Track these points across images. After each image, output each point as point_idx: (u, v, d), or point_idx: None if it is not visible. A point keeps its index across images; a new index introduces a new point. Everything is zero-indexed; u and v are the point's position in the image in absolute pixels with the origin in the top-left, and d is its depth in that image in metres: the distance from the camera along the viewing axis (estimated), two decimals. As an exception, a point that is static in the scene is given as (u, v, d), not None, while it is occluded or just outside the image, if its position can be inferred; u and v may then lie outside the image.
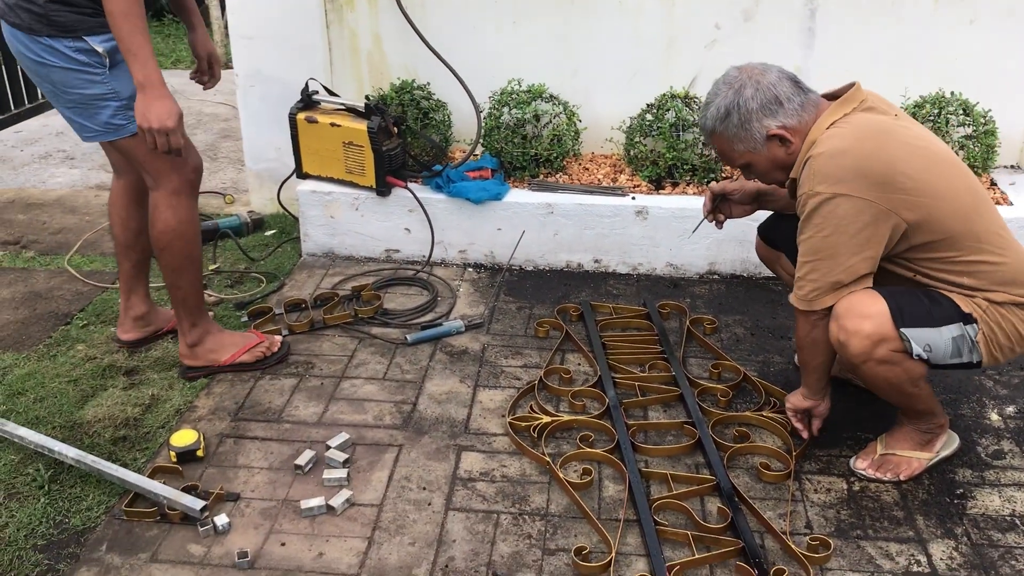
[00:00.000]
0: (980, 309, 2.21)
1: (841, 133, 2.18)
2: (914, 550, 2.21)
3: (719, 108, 2.25)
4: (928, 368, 2.24)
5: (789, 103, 2.22)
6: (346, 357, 2.99)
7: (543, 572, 2.13)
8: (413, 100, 3.70)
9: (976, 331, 2.20)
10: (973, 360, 2.24)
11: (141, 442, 2.57)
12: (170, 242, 2.65)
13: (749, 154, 2.28)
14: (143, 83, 2.37)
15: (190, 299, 2.76)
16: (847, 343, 2.19)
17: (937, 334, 2.18)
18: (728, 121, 2.24)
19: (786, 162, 2.28)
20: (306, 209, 3.65)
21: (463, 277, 3.56)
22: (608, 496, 2.37)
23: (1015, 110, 3.73)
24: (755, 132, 2.23)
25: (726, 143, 2.29)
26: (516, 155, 3.63)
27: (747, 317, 3.25)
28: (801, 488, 2.41)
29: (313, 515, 2.31)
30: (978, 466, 2.50)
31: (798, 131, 2.24)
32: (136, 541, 2.22)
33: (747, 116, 2.22)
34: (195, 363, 2.82)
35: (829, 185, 2.13)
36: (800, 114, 2.23)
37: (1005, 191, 3.57)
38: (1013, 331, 2.24)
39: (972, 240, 2.19)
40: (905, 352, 2.18)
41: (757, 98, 2.21)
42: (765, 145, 2.25)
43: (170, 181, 2.59)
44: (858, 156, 2.13)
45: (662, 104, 3.64)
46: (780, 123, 2.22)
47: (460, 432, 2.63)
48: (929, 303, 2.21)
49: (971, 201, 2.21)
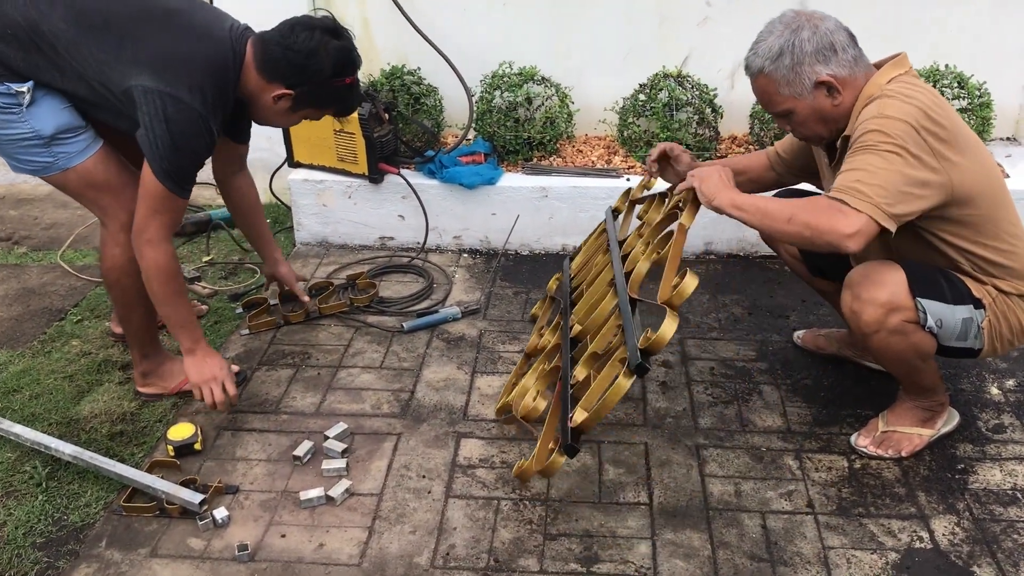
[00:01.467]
0: (990, 297, 2.20)
1: (908, 84, 2.10)
2: (916, 526, 2.20)
3: (771, 47, 2.14)
4: None
5: (844, 53, 2.13)
6: (342, 346, 2.97)
7: (545, 557, 2.12)
8: (404, 85, 3.67)
9: (983, 317, 2.19)
10: (975, 346, 2.23)
11: (138, 437, 2.56)
12: (118, 279, 2.56)
13: (793, 100, 2.17)
14: (193, 348, 2.53)
15: (141, 333, 2.67)
16: (860, 312, 2.17)
17: (950, 311, 2.17)
18: (779, 61, 2.13)
19: (830, 114, 2.18)
20: (298, 198, 3.62)
21: (458, 263, 3.54)
22: (609, 480, 2.36)
23: (1010, 82, 3.71)
24: (805, 76, 2.13)
25: (772, 85, 2.17)
26: (509, 139, 3.60)
27: (744, 297, 3.24)
28: (802, 467, 2.40)
29: (313, 506, 2.29)
30: (979, 441, 2.49)
31: (848, 83, 2.14)
32: (135, 536, 2.21)
33: (800, 58, 2.11)
34: (147, 390, 2.74)
35: (900, 115, 2.02)
36: (853, 67, 2.14)
37: (1001, 163, 3.55)
38: (1016, 323, 2.24)
39: (993, 225, 2.17)
40: (917, 324, 2.16)
41: (813, 41, 2.11)
42: (812, 93, 2.15)
43: (117, 217, 2.49)
44: (924, 103, 2.06)
45: (655, 84, 3.61)
46: (832, 71, 2.12)
47: (459, 419, 2.61)
48: (945, 282, 2.19)
49: (1000, 187, 2.20)
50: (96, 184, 2.46)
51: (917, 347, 2.21)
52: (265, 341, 3.00)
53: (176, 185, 2.31)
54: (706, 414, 2.61)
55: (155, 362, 2.73)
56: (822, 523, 2.22)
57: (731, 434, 2.53)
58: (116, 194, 2.47)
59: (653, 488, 2.33)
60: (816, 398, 2.68)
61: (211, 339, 3.01)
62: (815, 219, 2.02)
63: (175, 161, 2.28)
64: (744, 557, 2.12)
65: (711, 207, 2.22)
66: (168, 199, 2.32)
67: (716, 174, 2.24)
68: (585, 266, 2.81)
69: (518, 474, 2.24)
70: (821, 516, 2.24)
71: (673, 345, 2.94)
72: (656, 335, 2.01)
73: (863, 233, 1.99)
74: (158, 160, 2.27)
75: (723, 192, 2.20)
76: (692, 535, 2.18)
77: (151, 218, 2.34)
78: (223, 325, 3.10)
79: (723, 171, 2.26)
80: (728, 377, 2.78)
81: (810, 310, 3.12)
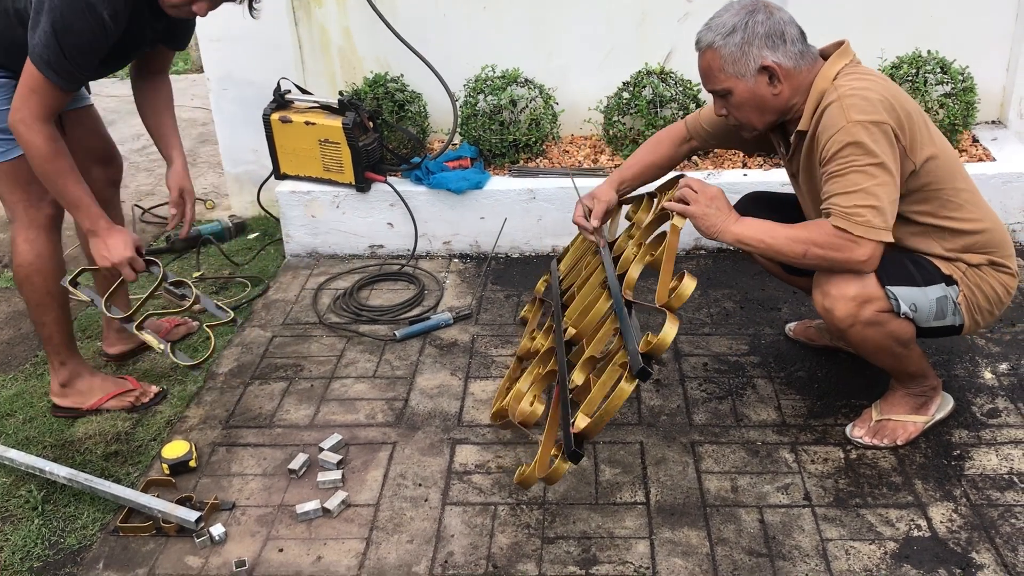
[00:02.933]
0: (960, 272, 2.23)
1: (858, 77, 2.15)
2: (914, 515, 2.20)
3: (725, 23, 2.17)
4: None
5: (792, 45, 2.16)
6: (335, 357, 2.97)
7: (543, 561, 2.12)
8: (387, 93, 3.66)
9: (957, 293, 2.21)
10: (955, 323, 2.24)
11: (133, 456, 2.55)
12: (27, 276, 2.56)
13: (735, 79, 2.19)
14: (93, 229, 2.45)
15: (55, 336, 2.65)
16: (832, 309, 2.18)
17: (922, 294, 2.18)
18: (730, 38, 2.15)
19: (768, 103, 2.21)
20: (287, 210, 3.62)
21: (449, 268, 3.54)
22: (605, 480, 2.36)
23: (993, 65, 3.71)
24: (751, 58, 2.15)
25: (718, 61, 2.19)
26: (494, 142, 3.60)
27: (735, 291, 3.24)
28: (798, 459, 2.40)
29: (309, 519, 2.29)
30: (974, 426, 2.49)
31: (791, 76, 2.17)
32: (133, 557, 2.21)
33: (750, 39, 2.14)
34: (63, 403, 2.72)
35: (866, 115, 2.07)
36: (798, 61, 2.17)
37: (988, 147, 3.55)
38: (992, 293, 2.26)
39: (953, 198, 2.21)
40: (891, 312, 2.17)
41: (766, 25, 2.14)
42: (755, 76, 2.17)
43: (26, 215, 2.51)
44: (881, 93, 2.10)
45: (638, 81, 3.61)
46: (777, 59, 2.15)
47: (453, 425, 2.61)
48: (912, 266, 2.21)
49: (954, 157, 2.24)
50: (14, 181, 2.47)
51: (895, 335, 2.22)
52: (257, 355, 3.00)
53: (55, 75, 2.26)
54: (700, 410, 2.61)
55: (73, 372, 2.71)
56: (820, 515, 2.21)
57: (726, 429, 2.53)
58: (28, 191, 2.48)
59: (650, 487, 2.33)
60: (810, 390, 2.67)
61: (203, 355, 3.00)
62: (831, 254, 2.12)
63: (54, 49, 2.21)
64: (743, 553, 2.12)
65: (708, 237, 2.27)
66: (45, 85, 2.27)
67: (716, 201, 2.26)
68: (575, 268, 2.81)
69: (520, 481, 2.24)
70: (818, 508, 2.24)
71: (666, 342, 2.93)
72: (658, 339, 2.01)
73: (874, 257, 2.11)
74: (40, 49, 2.22)
75: (724, 226, 2.25)
76: (690, 533, 2.18)
77: (26, 99, 2.28)
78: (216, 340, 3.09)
79: (718, 195, 2.27)
80: (721, 372, 2.78)
81: (801, 301, 3.12)
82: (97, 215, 2.45)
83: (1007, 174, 3.34)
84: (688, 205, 2.27)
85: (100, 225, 2.46)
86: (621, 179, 2.64)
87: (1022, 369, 2.71)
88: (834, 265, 2.14)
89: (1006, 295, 2.29)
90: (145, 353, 3.02)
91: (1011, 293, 2.31)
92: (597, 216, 2.56)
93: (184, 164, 2.74)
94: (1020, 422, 2.49)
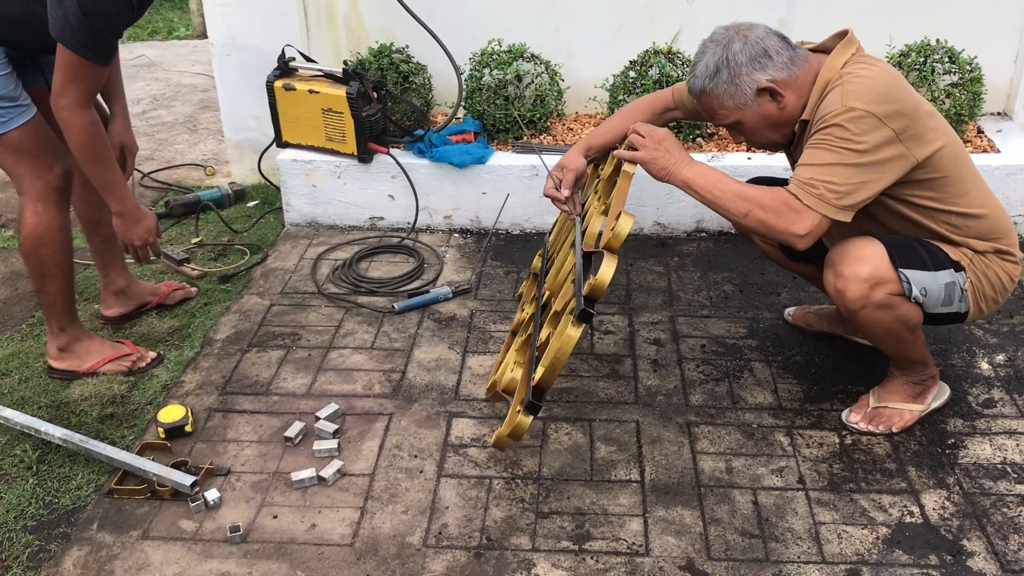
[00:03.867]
0: (967, 258, 2.23)
1: (865, 66, 2.14)
2: (907, 501, 2.21)
3: (708, 65, 2.19)
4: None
5: (779, 56, 2.17)
6: (333, 327, 2.96)
7: (537, 535, 2.13)
8: (392, 64, 3.63)
9: (965, 279, 2.21)
10: (961, 310, 2.25)
11: (128, 419, 2.55)
12: (35, 248, 2.55)
13: (739, 111, 2.21)
14: (122, 211, 2.52)
15: (58, 305, 2.66)
16: (844, 290, 2.18)
17: (932, 278, 2.18)
18: (718, 78, 2.17)
19: (778, 119, 2.22)
20: (287, 179, 3.60)
21: (449, 243, 3.53)
22: (600, 458, 2.36)
23: (1000, 56, 3.70)
24: (745, 87, 2.17)
25: (716, 101, 2.22)
26: (499, 117, 3.58)
27: (735, 274, 3.24)
28: (793, 443, 2.41)
29: (304, 487, 2.29)
30: (969, 416, 2.50)
31: (789, 85, 2.18)
32: (127, 519, 2.21)
33: (736, 70, 2.16)
34: (59, 365, 2.73)
35: (866, 104, 2.07)
36: (790, 68, 2.18)
37: (992, 139, 3.54)
38: (996, 281, 2.27)
39: (959, 185, 2.21)
40: (902, 296, 2.18)
41: (746, 52, 2.15)
42: (756, 101, 2.19)
43: (34, 187, 2.51)
44: (887, 84, 2.11)
45: (645, 60, 3.59)
46: (770, 76, 2.16)
47: (450, 399, 2.61)
48: (923, 249, 2.21)
49: (959, 147, 2.24)
50: (20, 151, 2.47)
51: (904, 319, 2.22)
52: (255, 323, 2.99)
53: (91, 53, 2.28)
54: (697, 391, 2.62)
55: (72, 336, 2.72)
56: (813, 499, 2.22)
57: (722, 411, 2.53)
58: (36, 162, 2.49)
59: (645, 466, 2.34)
60: (807, 375, 2.68)
61: (201, 320, 3.00)
62: (771, 219, 2.12)
63: (86, 28, 2.22)
64: (735, 533, 2.13)
65: (662, 181, 2.25)
66: (85, 67, 2.29)
67: (665, 143, 2.24)
68: (558, 237, 2.81)
69: (495, 443, 2.25)
70: (812, 492, 2.25)
71: (664, 323, 2.94)
72: (596, 279, 2.02)
73: (814, 233, 2.10)
74: (70, 32, 2.23)
75: (675, 169, 2.23)
76: (684, 512, 2.19)
77: (67, 85, 2.31)
78: (213, 307, 3.09)
79: (666, 137, 2.25)
80: (719, 354, 2.78)
81: (801, 287, 3.12)
82: (129, 198, 2.53)
83: (1011, 166, 3.33)
84: (637, 151, 2.26)
85: (129, 206, 2.53)
86: (589, 145, 2.60)
87: (1019, 360, 2.71)
88: (771, 232, 2.13)
89: (1010, 283, 2.30)
90: (142, 317, 3.02)
91: (1015, 282, 2.32)
92: (567, 186, 2.54)
93: (126, 119, 2.78)
94: (1015, 413, 2.50)
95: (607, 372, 2.71)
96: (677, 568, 2.04)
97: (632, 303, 3.07)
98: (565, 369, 2.70)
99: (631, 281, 3.21)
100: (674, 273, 3.25)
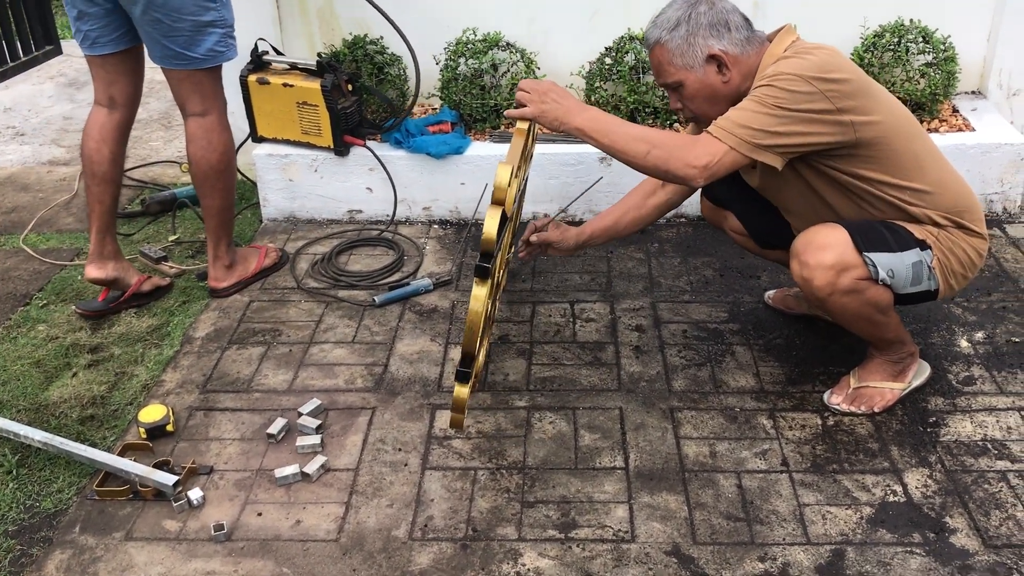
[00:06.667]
0: (932, 236, 2.24)
1: (802, 50, 2.17)
2: (890, 480, 2.23)
3: (669, 18, 2.21)
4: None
5: (737, 32, 2.20)
6: (313, 322, 2.95)
7: (523, 525, 2.13)
8: (367, 55, 3.61)
9: (932, 257, 2.22)
10: (931, 288, 2.26)
11: (109, 420, 2.53)
12: (228, 163, 2.86)
13: (684, 72, 2.22)
14: None
15: (230, 221, 2.99)
16: (811, 279, 2.19)
17: (898, 259, 2.19)
18: (675, 32, 2.19)
19: (718, 92, 2.23)
20: (263, 173, 3.57)
21: (429, 234, 3.52)
22: (584, 445, 2.36)
23: (974, 35, 3.71)
24: (698, 49, 2.19)
25: (666, 56, 2.22)
26: (475, 107, 3.57)
27: (715, 259, 3.24)
28: (776, 425, 2.42)
29: (288, 483, 2.28)
30: (949, 394, 2.52)
31: (738, 62, 2.20)
32: (109, 520, 2.19)
33: (694, 30, 2.18)
34: (230, 281, 3.05)
35: (797, 71, 2.09)
36: (744, 47, 2.20)
37: (968, 117, 3.56)
38: (964, 256, 2.28)
39: (913, 160, 2.22)
40: (869, 279, 2.18)
41: (709, 16, 2.18)
42: (703, 66, 2.21)
43: (222, 103, 2.84)
44: (825, 60, 2.12)
45: (621, 47, 3.58)
46: (723, 47, 2.19)
47: (433, 391, 2.60)
48: (887, 231, 2.22)
49: (911, 122, 2.26)
50: (219, 78, 2.83)
51: (874, 302, 2.23)
52: (235, 320, 2.97)
53: None
54: (679, 376, 2.62)
55: (234, 250, 3.09)
56: (797, 481, 2.23)
57: (705, 396, 2.54)
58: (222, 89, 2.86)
59: (629, 452, 2.34)
60: (788, 357, 2.69)
61: (180, 318, 2.98)
62: (671, 154, 2.10)
63: None
64: (721, 517, 2.14)
65: (558, 132, 2.23)
66: None
67: (550, 93, 2.23)
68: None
69: (451, 423, 2.24)
70: (796, 474, 2.26)
71: (645, 309, 2.94)
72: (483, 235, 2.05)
73: (713, 166, 2.08)
74: None
75: (567, 117, 2.20)
76: (669, 497, 2.19)
77: None
78: (191, 304, 3.06)
79: (552, 87, 2.24)
80: (700, 339, 2.79)
81: (780, 270, 3.12)
82: None
83: (986, 144, 3.35)
84: (526, 108, 2.25)
85: None
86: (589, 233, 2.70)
87: (997, 338, 2.73)
88: (671, 169, 2.11)
89: (978, 258, 2.31)
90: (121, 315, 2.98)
91: (983, 256, 2.32)
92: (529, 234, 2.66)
93: None
94: (995, 390, 2.52)
95: (589, 360, 2.71)
96: (663, 553, 2.05)
97: (613, 290, 3.07)
98: (547, 357, 2.70)
99: (611, 268, 3.21)
100: (654, 259, 3.25)
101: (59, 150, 4.50)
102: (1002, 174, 3.39)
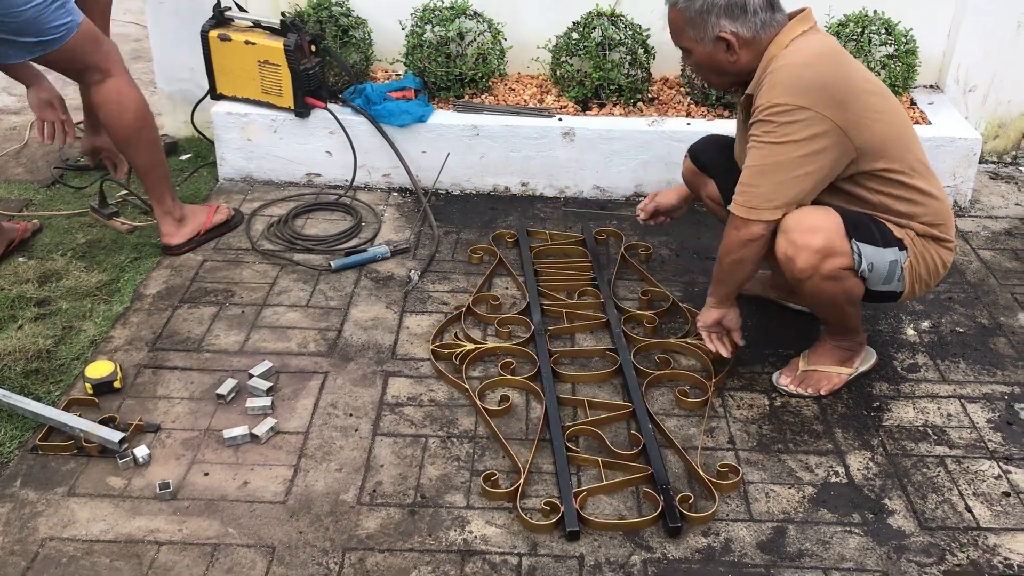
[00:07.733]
0: (910, 239, 2.27)
1: (802, 49, 2.17)
2: (833, 462, 2.27)
3: None
4: None
5: (755, 16, 2.18)
6: (267, 284, 2.92)
7: (471, 493, 2.14)
8: (331, 17, 3.56)
9: (906, 258, 2.25)
10: (898, 289, 2.30)
11: (55, 375, 2.49)
12: (144, 117, 2.80)
13: (694, 42, 2.24)
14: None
15: (167, 173, 2.94)
16: (795, 258, 2.20)
17: (880, 255, 2.22)
18: (692, 2, 2.19)
19: (725, 68, 2.25)
20: (221, 132, 3.51)
21: (388, 202, 3.49)
22: (535, 418, 2.38)
23: (935, 28, 3.76)
24: (710, 26, 2.18)
25: (680, 21, 2.23)
26: (440, 75, 3.54)
27: (672, 239, 3.26)
28: (724, 404, 2.45)
29: (237, 444, 2.27)
30: (894, 380, 2.57)
31: (749, 44, 2.20)
32: (52, 475, 2.16)
33: (710, 7, 2.17)
34: (182, 238, 3.02)
35: (790, 97, 2.11)
36: (758, 31, 2.19)
37: (924, 110, 3.61)
38: (932, 265, 2.31)
39: (908, 167, 2.24)
40: (850, 270, 2.21)
41: None
42: (712, 43, 2.21)
43: (117, 61, 2.73)
44: (821, 71, 2.14)
45: (588, 22, 3.57)
46: (734, 30, 2.18)
47: (387, 358, 2.59)
48: (873, 225, 2.25)
49: (909, 131, 2.27)
50: (94, 36, 2.67)
51: (849, 292, 2.26)
52: (187, 278, 2.92)
53: None
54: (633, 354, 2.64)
55: (179, 205, 3.03)
56: (743, 459, 2.27)
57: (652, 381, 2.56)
58: (108, 43, 2.73)
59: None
60: (740, 338, 2.72)
61: (131, 275, 2.93)
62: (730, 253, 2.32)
63: None
64: (667, 492, 2.16)
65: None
66: None
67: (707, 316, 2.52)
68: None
69: None
70: (742, 452, 2.29)
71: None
72: None
73: (761, 237, 2.24)
74: None
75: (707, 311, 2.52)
76: (616, 472, 2.21)
77: None
78: (143, 261, 3.01)
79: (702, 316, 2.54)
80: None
81: (736, 252, 3.15)
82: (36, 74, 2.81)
83: (941, 138, 3.41)
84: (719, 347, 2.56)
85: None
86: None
87: (942, 327, 2.80)
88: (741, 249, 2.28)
89: (943, 268, 2.35)
90: (65, 274, 2.93)
91: (947, 267, 2.36)
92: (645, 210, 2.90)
93: None
94: (937, 377, 2.58)
95: (544, 333, 2.71)
96: (609, 526, 2.07)
97: (570, 265, 3.07)
98: (503, 336, 2.70)
99: (570, 243, 3.21)
100: (612, 238, 3.26)
101: (9, 98, 4.38)
102: (955, 168, 3.45)
